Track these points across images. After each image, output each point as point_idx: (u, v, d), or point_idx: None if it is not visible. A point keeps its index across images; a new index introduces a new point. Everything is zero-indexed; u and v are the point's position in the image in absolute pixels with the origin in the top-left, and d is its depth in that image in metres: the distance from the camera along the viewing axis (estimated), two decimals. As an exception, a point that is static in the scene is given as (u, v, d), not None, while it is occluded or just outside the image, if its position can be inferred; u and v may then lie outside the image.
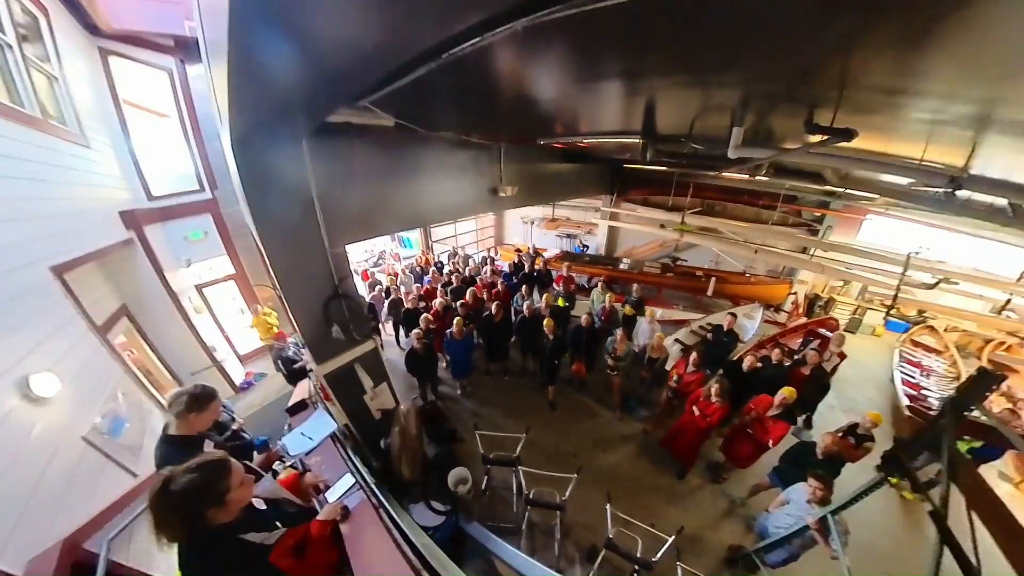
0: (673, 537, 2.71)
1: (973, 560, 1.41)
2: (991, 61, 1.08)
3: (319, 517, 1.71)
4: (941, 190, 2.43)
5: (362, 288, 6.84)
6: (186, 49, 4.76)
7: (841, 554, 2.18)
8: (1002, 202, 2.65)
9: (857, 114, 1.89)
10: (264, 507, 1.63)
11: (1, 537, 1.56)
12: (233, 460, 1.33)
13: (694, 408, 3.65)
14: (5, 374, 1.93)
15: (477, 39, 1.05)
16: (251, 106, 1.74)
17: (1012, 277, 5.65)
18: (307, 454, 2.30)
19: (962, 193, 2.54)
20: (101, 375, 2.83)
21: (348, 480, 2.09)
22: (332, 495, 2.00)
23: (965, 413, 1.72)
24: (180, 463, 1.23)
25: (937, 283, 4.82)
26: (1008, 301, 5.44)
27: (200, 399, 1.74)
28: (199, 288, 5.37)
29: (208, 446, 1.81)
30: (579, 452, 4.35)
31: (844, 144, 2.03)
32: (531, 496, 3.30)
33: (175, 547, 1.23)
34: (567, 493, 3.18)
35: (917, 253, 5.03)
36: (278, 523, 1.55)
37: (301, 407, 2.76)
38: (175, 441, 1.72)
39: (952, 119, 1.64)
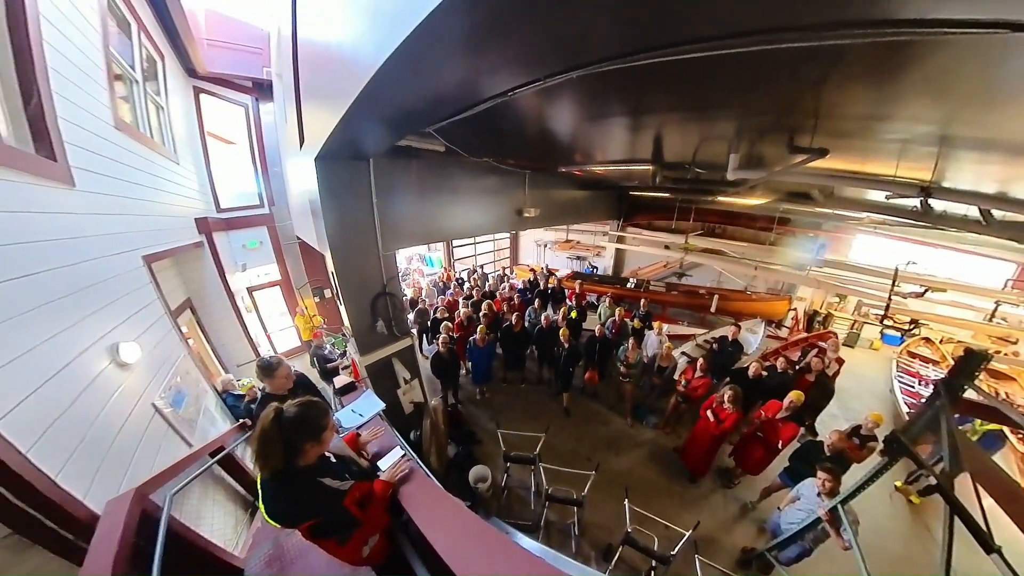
0: (691, 531, 2.69)
1: (983, 525, 1.46)
2: (942, 93, 1.28)
3: (382, 477, 1.79)
4: (916, 199, 2.61)
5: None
6: (261, 89, 5.37)
7: (854, 543, 2.15)
8: (975, 212, 2.78)
9: (833, 138, 2.15)
10: (334, 460, 1.74)
11: (87, 478, 1.66)
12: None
13: (708, 414, 3.61)
14: (101, 339, 2.08)
15: (538, 82, 1.25)
16: (346, 134, 2.02)
17: (995, 287, 5.71)
18: (358, 428, 2.41)
19: (938, 205, 2.70)
20: (169, 355, 2.98)
21: (398, 452, 2.19)
22: (383, 464, 2.08)
23: (959, 393, 1.80)
24: None
25: (925, 291, 4.90)
26: (995, 309, 5.47)
27: (265, 369, 2.10)
28: (250, 291, 5.67)
29: None
30: (593, 455, 4.30)
31: (827, 165, 2.25)
32: (550, 492, 3.28)
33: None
34: (585, 490, 3.18)
35: (904, 265, 5.14)
36: (346, 476, 1.66)
37: (350, 388, 2.91)
38: (268, 397, 2.05)
39: (916, 138, 1.85)
